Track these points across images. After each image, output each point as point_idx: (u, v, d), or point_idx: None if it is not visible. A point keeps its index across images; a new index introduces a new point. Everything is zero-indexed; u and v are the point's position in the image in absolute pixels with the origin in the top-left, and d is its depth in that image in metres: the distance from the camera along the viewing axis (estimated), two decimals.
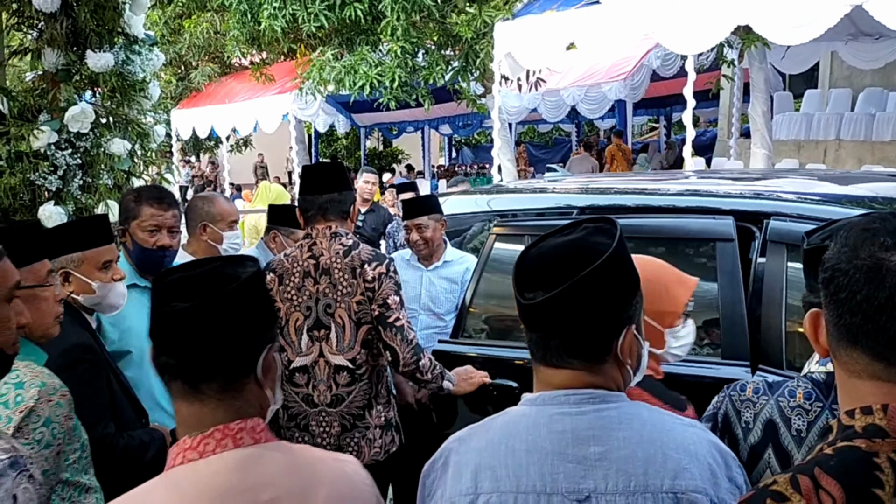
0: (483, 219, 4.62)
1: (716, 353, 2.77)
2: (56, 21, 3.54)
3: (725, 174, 5.45)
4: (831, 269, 1.01)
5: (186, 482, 1.18)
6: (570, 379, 1.29)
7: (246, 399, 1.24)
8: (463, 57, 11.48)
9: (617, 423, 1.26)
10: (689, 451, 1.25)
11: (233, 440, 1.21)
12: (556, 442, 1.26)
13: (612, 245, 1.28)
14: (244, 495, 1.18)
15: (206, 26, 16.02)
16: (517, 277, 1.30)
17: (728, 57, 11.24)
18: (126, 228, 2.77)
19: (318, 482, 1.25)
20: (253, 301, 1.24)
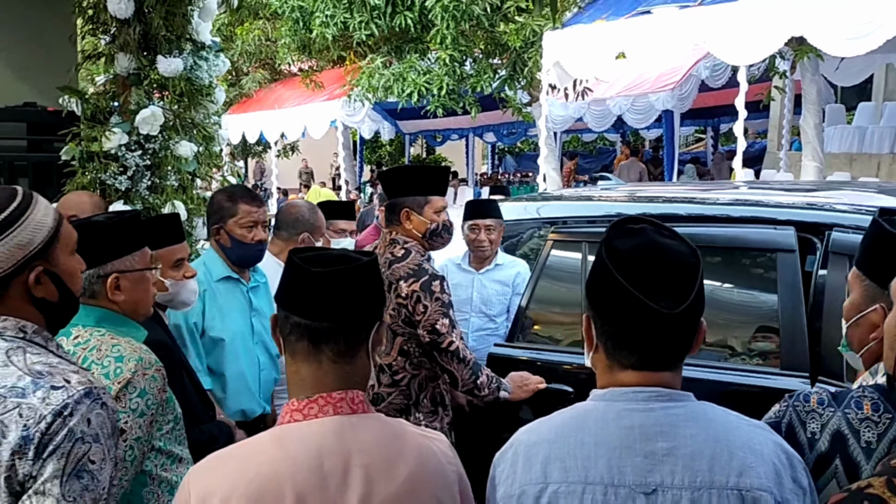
0: (532, 226, 4.66)
1: (775, 363, 2.76)
2: (129, 27, 3.68)
3: (777, 185, 5.41)
4: None
5: (290, 439, 1.34)
6: (641, 378, 1.33)
7: (356, 366, 1.39)
8: (510, 65, 11.56)
9: (684, 421, 1.29)
10: (755, 450, 1.28)
11: (333, 407, 1.36)
12: (625, 437, 1.29)
13: (692, 250, 1.33)
14: (338, 457, 1.33)
15: (258, 33, 16.34)
16: (637, 285, 1.28)
17: (780, 68, 11.11)
18: (222, 227, 2.89)
19: (404, 455, 1.38)
20: (374, 279, 1.41)
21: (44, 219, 1.49)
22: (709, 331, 3.02)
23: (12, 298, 1.46)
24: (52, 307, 1.50)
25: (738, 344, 3.01)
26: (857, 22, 6.79)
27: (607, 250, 1.33)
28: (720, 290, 3.27)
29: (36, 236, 1.46)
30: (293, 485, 1.31)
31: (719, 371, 2.83)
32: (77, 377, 1.41)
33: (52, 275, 1.49)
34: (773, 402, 2.63)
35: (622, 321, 1.31)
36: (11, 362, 1.40)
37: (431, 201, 2.82)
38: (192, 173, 3.98)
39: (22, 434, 1.31)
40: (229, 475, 1.32)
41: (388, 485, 1.35)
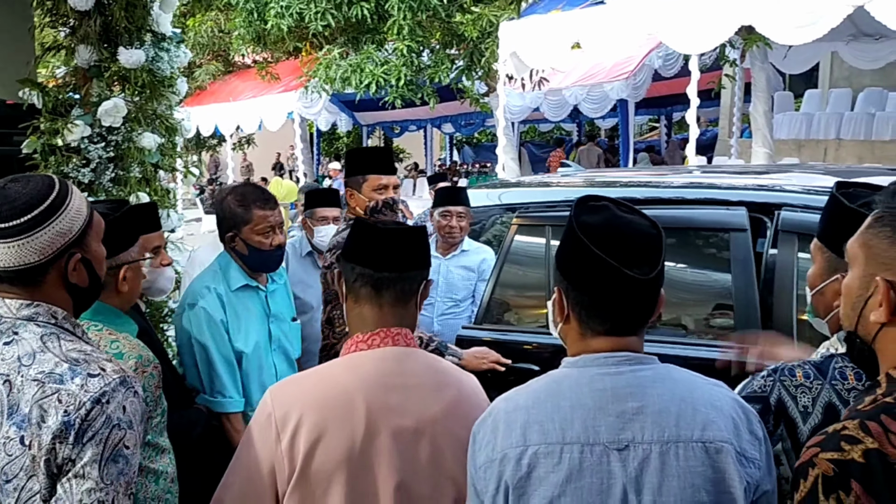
0: (495, 212, 4.75)
1: (729, 338, 2.89)
2: (89, 18, 3.65)
3: (729, 169, 5.58)
4: None
5: (359, 362, 1.65)
6: (610, 344, 1.44)
7: (408, 311, 1.71)
8: (468, 56, 11.63)
9: (651, 382, 1.40)
10: (716, 406, 1.40)
11: (392, 340, 1.67)
12: (598, 398, 1.39)
13: (653, 222, 1.46)
14: (398, 378, 1.64)
15: (211, 25, 16.13)
16: (613, 253, 1.38)
17: (730, 57, 11.37)
18: (237, 234, 2.72)
19: (449, 382, 1.72)
20: (424, 242, 1.73)
21: (80, 206, 1.54)
22: (668, 308, 3.18)
23: (48, 284, 1.50)
24: (82, 292, 1.56)
25: (696, 320, 3.14)
26: (803, 11, 7.00)
27: (579, 225, 1.42)
28: (677, 270, 3.40)
29: (75, 224, 1.51)
30: (364, 397, 1.59)
31: (679, 346, 2.95)
32: (111, 365, 1.46)
33: (86, 261, 1.54)
34: (726, 374, 2.78)
35: (598, 290, 1.41)
36: (47, 348, 1.44)
37: (369, 179, 2.95)
38: (156, 165, 3.97)
39: (63, 419, 1.36)
40: (307, 392, 1.62)
41: (437, 403, 1.65)
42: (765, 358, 2.83)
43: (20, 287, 1.48)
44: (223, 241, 2.77)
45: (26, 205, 1.46)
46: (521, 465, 1.38)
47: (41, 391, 1.38)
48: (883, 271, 1.18)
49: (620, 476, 1.34)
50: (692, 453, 1.35)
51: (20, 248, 1.45)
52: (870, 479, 1.07)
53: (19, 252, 1.45)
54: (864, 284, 1.22)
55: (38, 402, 1.38)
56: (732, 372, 2.62)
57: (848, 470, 1.08)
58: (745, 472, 1.35)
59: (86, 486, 1.35)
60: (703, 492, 1.33)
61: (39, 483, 1.36)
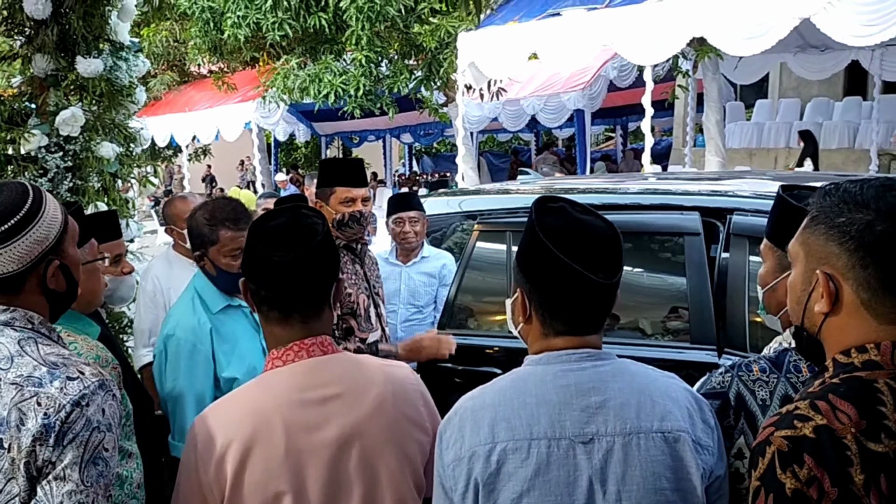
0: (456, 219, 4.81)
1: (686, 338, 2.99)
2: (46, 27, 3.62)
3: (683, 175, 5.72)
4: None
5: (274, 381, 1.60)
6: (572, 342, 1.49)
7: (322, 320, 1.65)
8: (426, 66, 11.68)
9: (612, 377, 1.45)
10: (672, 397, 1.46)
11: (307, 352, 1.61)
12: (562, 394, 1.44)
13: (611, 224, 1.50)
14: (315, 390, 1.59)
15: (166, 34, 15.94)
16: (578, 259, 1.41)
17: (683, 68, 11.63)
18: (204, 254, 2.49)
19: (372, 380, 1.65)
20: (327, 252, 1.63)
21: (55, 213, 1.53)
22: (626, 310, 3.25)
23: (27, 291, 1.50)
24: (59, 297, 1.56)
25: (653, 322, 3.22)
26: (752, 23, 7.22)
27: (540, 227, 1.46)
28: (635, 274, 3.48)
29: (51, 231, 1.51)
30: (281, 418, 1.55)
31: (637, 347, 3.03)
32: (89, 369, 1.46)
33: (64, 267, 1.55)
34: (685, 372, 2.87)
35: (562, 293, 1.45)
36: (25, 352, 1.44)
37: (337, 192, 2.91)
38: (114, 174, 3.95)
39: (42, 422, 1.36)
40: (228, 418, 1.58)
41: (360, 406, 1.60)
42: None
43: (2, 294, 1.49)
44: (195, 259, 2.56)
45: (1, 215, 1.46)
46: (491, 462, 1.41)
47: (20, 394, 1.39)
48: (822, 266, 1.26)
49: (586, 468, 1.40)
50: (653, 443, 1.41)
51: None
52: (820, 452, 1.15)
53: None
54: (807, 280, 1.30)
55: (17, 405, 1.38)
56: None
57: (801, 445, 1.16)
58: (700, 459, 1.42)
59: (66, 488, 1.36)
60: (664, 479, 1.39)
61: (19, 486, 1.36)
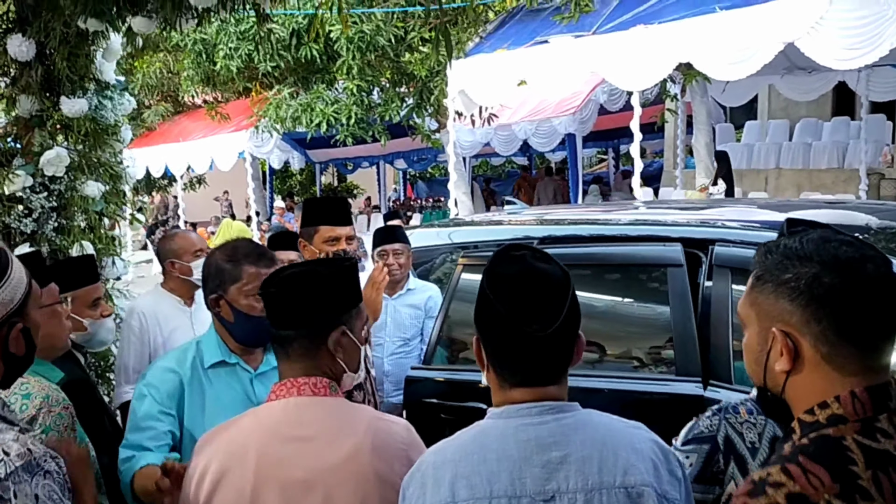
0: (445, 251, 4.81)
1: (670, 370, 2.98)
2: (31, 69, 3.65)
3: (673, 204, 5.74)
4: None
5: (262, 414, 1.69)
6: (531, 394, 1.46)
7: (319, 360, 1.70)
8: (417, 94, 11.77)
9: (573, 430, 1.42)
10: (636, 448, 1.42)
11: (297, 390, 1.68)
12: (523, 449, 1.40)
13: (564, 273, 1.47)
14: (295, 429, 1.64)
15: (159, 66, 16.05)
16: (513, 312, 1.41)
17: (671, 91, 11.73)
18: (222, 296, 2.24)
19: (353, 430, 1.65)
20: (326, 291, 1.70)
21: (21, 275, 1.52)
22: (610, 342, 3.26)
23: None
24: (17, 361, 1.53)
25: (638, 354, 3.22)
26: (736, 48, 7.29)
27: (487, 277, 1.47)
28: (620, 305, 3.49)
29: (16, 294, 1.49)
30: (256, 448, 1.63)
31: (621, 380, 3.03)
32: (16, 447, 1.37)
33: (26, 330, 1.52)
34: (670, 406, 2.86)
35: (502, 343, 1.44)
36: None
37: (320, 230, 2.89)
38: (100, 213, 3.95)
39: None
40: (218, 440, 1.69)
41: (333, 454, 1.62)
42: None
43: None
44: (208, 306, 2.31)
45: None
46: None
47: None
48: (776, 324, 1.24)
49: None
50: (615, 499, 1.38)
51: None
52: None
53: None
54: (763, 339, 1.27)
55: None
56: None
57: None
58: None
59: None
60: None
61: None
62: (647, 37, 7.91)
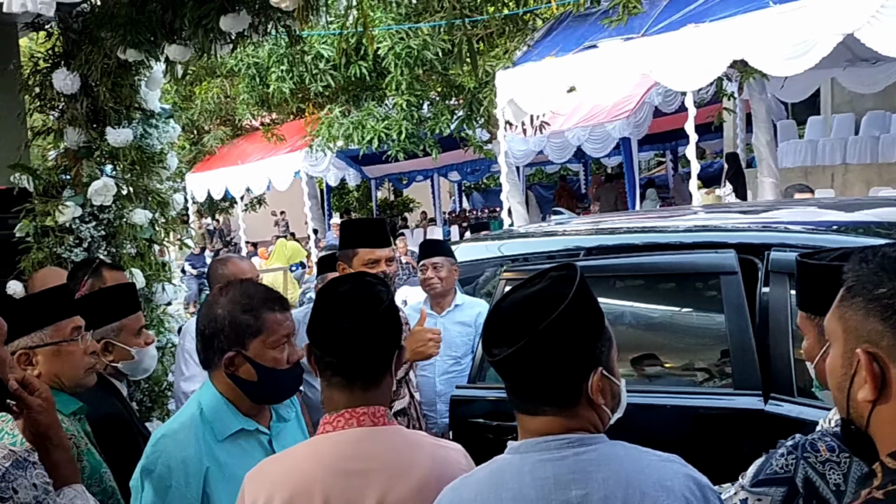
0: (494, 264, 4.72)
1: (728, 384, 2.83)
2: (76, 101, 3.73)
3: (733, 208, 5.54)
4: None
5: (320, 446, 1.62)
6: (547, 425, 1.34)
7: (380, 389, 1.66)
8: (467, 106, 11.75)
9: (595, 466, 1.30)
10: (666, 486, 1.29)
11: (357, 420, 1.61)
12: (540, 488, 1.30)
13: (570, 294, 1.33)
14: (359, 462, 1.57)
15: (217, 91, 16.45)
16: (485, 333, 1.41)
17: (728, 90, 11.41)
18: (240, 353, 1.92)
19: (419, 460, 1.61)
20: (391, 320, 1.67)
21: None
22: (664, 355, 3.11)
23: None
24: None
25: (693, 367, 3.08)
26: (792, 42, 7.02)
27: (497, 299, 1.44)
28: (673, 316, 3.35)
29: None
30: (321, 487, 1.55)
31: (675, 395, 2.89)
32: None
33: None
34: (729, 421, 2.71)
35: (497, 368, 1.40)
36: None
37: (359, 253, 2.86)
38: (149, 240, 4.01)
39: None
40: (274, 477, 1.60)
41: (402, 486, 1.56)
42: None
43: None
44: (213, 366, 1.95)
45: None
46: None
47: None
48: (863, 344, 1.08)
49: None
50: None
51: None
52: None
53: None
54: (847, 362, 1.11)
55: None
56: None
57: None
58: None
59: None
60: None
61: None
62: (699, 36, 7.70)
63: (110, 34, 3.38)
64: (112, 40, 3.36)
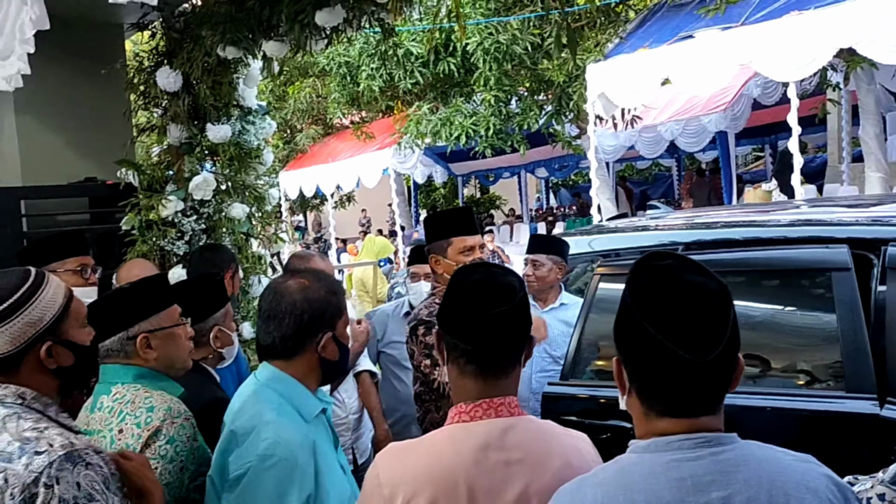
0: (585, 260, 4.62)
1: (839, 386, 2.67)
2: (178, 99, 3.86)
3: (839, 201, 5.25)
4: None
5: (460, 437, 1.59)
6: (679, 425, 1.27)
7: (511, 378, 1.64)
8: (556, 100, 11.60)
9: (735, 466, 1.23)
10: (810, 487, 1.22)
11: (495, 411, 1.60)
12: (676, 490, 1.22)
13: (721, 287, 1.29)
14: (500, 453, 1.57)
15: (309, 91, 16.83)
16: (664, 328, 1.25)
17: (832, 80, 10.88)
18: (330, 333, 1.94)
19: (555, 451, 1.60)
20: (527, 307, 1.64)
21: (54, 296, 1.61)
22: (770, 356, 2.97)
23: (26, 369, 1.57)
24: (67, 372, 1.61)
25: (801, 368, 2.92)
26: None
27: (631, 291, 1.29)
28: (779, 314, 3.18)
29: (46, 314, 1.58)
30: (465, 478, 1.54)
31: (782, 398, 2.74)
32: (60, 440, 1.47)
33: (68, 343, 1.60)
34: (841, 426, 2.56)
35: (651, 369, 1.26)
36: (6, 428, 1.48)
37: (453, 242, 2.83)
38: (246, 233, 4.11)
39: (8, 502, 1.38)
40: (412, 467, 1.58)
41: (542, 476, 1.55)
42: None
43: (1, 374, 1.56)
44: (302, 350, 1.92)
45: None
46: None
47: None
48: None
49: None
50: None
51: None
52: None
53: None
54: None
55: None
56: None
57: None
58: None
59: None
60: None
61: None
62: (802, 24, 7.36)
63: (210, 32, 3.48)
64: (212, 38, 3.46)
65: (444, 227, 2.91)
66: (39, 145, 4.33)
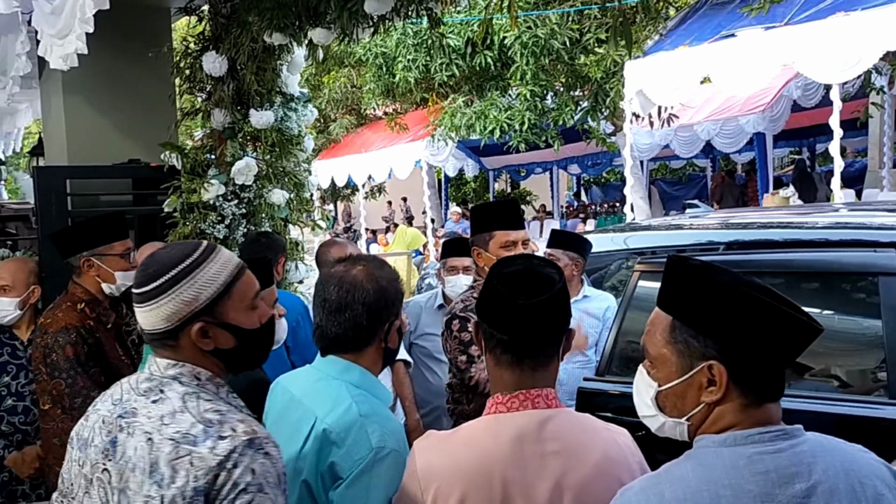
0: (619, 257, 4.59)
1: (883, 392, 2.63)
2: (223, 84, 3.89)
3: (880, 206, 5.17)
4: None
5: (498, 430, 1.58)
6: (760, 416, 1.30)
7: (549, 370, 1.64)
8: (592, 97, 11.52)
9: (812, 457, 1.27)
10: (879, 475, 1.29)
11: (532, 402, 1.59)
12: (762, 483, 1.24)
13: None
14: (536, 445, 1.56)
15: (344, 81, 16.86)
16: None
17: (876, 84, 10.67)
18: (395, 321, 1.92)
19: (593, 444, 1.59)
20: (566, 298, 1.64)
21: (216, 275, 1.51)
22: (812, 360, 2.93)
23: (186, 348, 1.51)
24: (227, 354, 1.55)
25: (843, 373, 2.88)
26: None
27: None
28: (820, 318, 3.13)
29: (202, 293, 1.49)
30: (500, 468, 1.54)
31: (825, 402, 2.71)
32: (243, 426, 1.44)
33: (227, 326, 1.53)
34: (886, 433, 2.52)
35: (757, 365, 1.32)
36: (187, 408, 1.45)
37: (495, 236, 2.83)
38: (285, 219, 4.14)
39: (192, 485, 1.37)
40: (448, 459, 1.58)
41: (579, 470, 1.55)
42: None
43: (167, 349, 1.52)
44: (372, 341, 1.89)
45: (156, 273, 1.49)
46: None
47: (175, 452, 1.40)
48: None
49: None
50: None
51: (150, 314, 1.50)
52: None
53: (150, 317, 1.50)
54: None
55: (171, 462, 1.39)
56: None
57: None
58: None
59: None
60: None
61: None
62: (848, 25, 7.22)
63: (257, 18, 3.50)
64: (259, 24, 3.48)
65: (488, 220, 2.89)
66: (85, 126, 4.39)
